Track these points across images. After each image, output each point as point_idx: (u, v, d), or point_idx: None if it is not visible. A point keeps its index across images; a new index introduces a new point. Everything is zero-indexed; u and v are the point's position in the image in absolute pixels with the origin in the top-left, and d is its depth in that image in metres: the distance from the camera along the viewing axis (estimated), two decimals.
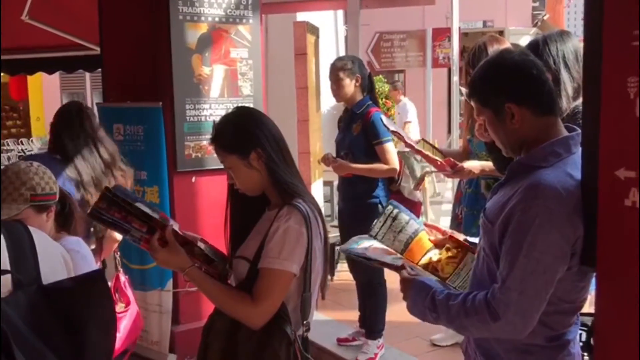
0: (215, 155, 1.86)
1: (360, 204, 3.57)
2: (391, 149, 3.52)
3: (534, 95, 1.54)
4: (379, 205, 3.58)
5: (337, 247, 1.78)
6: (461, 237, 1.86)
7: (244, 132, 1.79)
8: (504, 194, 1.56)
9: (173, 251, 1.75)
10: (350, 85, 3.60)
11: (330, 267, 4.87)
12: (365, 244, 1.87)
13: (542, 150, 1.53)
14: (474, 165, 2.87)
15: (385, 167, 3.52)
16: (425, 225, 1.90)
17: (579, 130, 1.51)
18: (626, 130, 1.27)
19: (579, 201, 1.44)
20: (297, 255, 1.72)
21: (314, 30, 5.08)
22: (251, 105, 3.82)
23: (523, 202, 1.45)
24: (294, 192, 1.79)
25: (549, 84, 1.56)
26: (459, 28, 7.90)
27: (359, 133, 3.55)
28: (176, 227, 1.79)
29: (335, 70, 3.64)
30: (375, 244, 1.84)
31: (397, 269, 1.74)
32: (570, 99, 2.20)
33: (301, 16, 6.38)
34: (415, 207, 3.55)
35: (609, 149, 1.32)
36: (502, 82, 1.55)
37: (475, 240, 1.73)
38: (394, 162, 3.53)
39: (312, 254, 1.75)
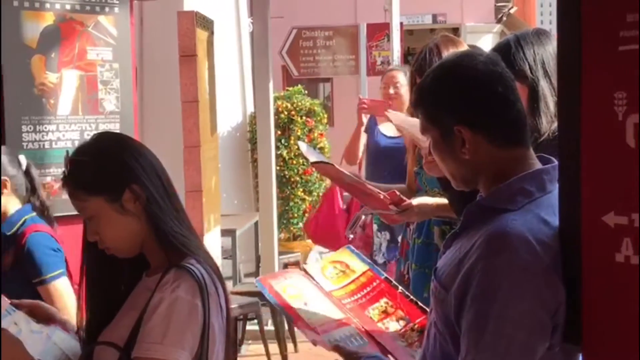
0: (66, 197, 1.82)
1: None
2: (64, 290, 2.89)
3: (495, 121, 1.57)
4: None
5: None
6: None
7: (113, 163, 1.79)
8: (460, 247, 1.58)
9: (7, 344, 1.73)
10: None
11: (233, 349, 4.78)
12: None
13: (507, 188, 1.55)
14: (426, 202, 2.91)
15: None
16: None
17: (557, 162, 1.55)
18: (615, 162, 1.32)
19: (557, 256, 1.46)
20: (188, 338, 1.70)
21: (207, 24, 5.07)
22: (117, 127, 3.79)
23: (484, 259, 1.46)
24: (184, 248, 1.78)
25: (518, 107, 1.60)
26: (401, 24, 8.15)
27: (11, 268, 2.86)
28: None
29: None
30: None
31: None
32: (551, 117, 2.28)
33: (189, 4, 6.37)
34: None
35: (594, 188, 1.36)
36: (455, 97, 1.58)
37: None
38: (71, 309, 2.77)
39: (210, 336, 1.74)
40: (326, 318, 1.95)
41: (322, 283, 2.07)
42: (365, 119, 4.73)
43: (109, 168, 1.78)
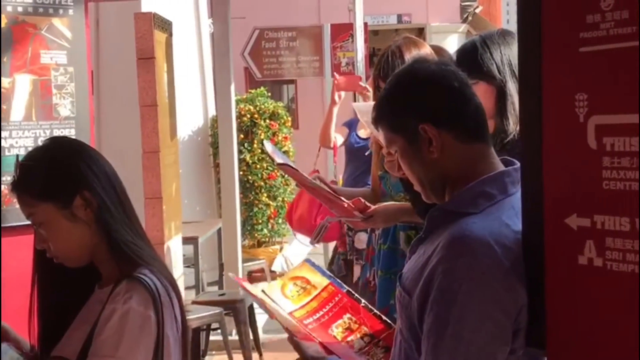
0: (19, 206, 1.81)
1: None
2: None
3: (457, 114, 1.61)
4: None
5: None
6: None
7: (63, 168, 1.78)
8: (423, 252, 1.60)
9: None
10: None
11: None
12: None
13: (468, 192, 1.58)
14: (391, 207, 2.92)
15: None
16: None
17: (519, 164, 1.58)
18: (576, 164, 1.34)
19: (519, 259, 1.48)
20: (141, 350, 1.71)
21: (165, 26, 5.06)
22: (72, 132, 3.77)
23: (445, 262, 1.48)
24: (138, 258, 1.78)
25: (476, 102, 1.65)
26: (366, 24, 8.18)
27: None
28: None
29: None
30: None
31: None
32: (518, 118, 2.32)
33: (147, 5, 6.34)
34: None
35: (556, 190, 1.38)
36: (414, 98, 1.62)
37: None
38: None
39: (165, 348, 1.74)
40: (296, 327, 1.96)
41: (282, 304, 2.07)
42: (338, 98, 4.73)
43: (58, 173, 1.78)
